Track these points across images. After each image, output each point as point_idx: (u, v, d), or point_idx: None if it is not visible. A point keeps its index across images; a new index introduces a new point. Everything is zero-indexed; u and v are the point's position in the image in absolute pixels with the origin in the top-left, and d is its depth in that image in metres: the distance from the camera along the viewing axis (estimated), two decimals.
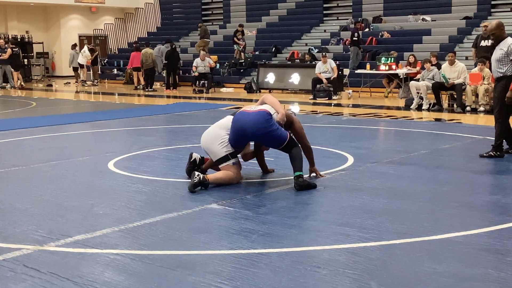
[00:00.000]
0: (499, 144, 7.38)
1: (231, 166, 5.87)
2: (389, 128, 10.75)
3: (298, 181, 5.67)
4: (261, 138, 5.89)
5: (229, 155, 5.87)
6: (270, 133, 5.76)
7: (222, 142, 5.88)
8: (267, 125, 5.74)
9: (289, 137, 5.83)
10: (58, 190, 5.80)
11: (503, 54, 7.28)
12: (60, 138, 9.58)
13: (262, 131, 5.76)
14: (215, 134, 5.95)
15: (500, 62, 7.32)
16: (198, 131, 6.23)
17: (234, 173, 5.87)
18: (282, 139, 5.79)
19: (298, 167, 5.73)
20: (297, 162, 5.76)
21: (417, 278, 3.50)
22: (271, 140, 5.85)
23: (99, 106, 15.75)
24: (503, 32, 7.42)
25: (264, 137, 5.82)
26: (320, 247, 4.06)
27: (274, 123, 5.81)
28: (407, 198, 5.39)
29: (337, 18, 23.65)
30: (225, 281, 3.46)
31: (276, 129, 5.78)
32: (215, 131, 5.99)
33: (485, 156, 7.31)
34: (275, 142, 5.84)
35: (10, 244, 4.17)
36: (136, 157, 7.57)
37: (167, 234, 4.39)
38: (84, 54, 23.19)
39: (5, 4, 27.42)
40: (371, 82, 17.29)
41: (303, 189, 5.64)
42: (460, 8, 20.31)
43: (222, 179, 5.83)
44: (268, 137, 5.81)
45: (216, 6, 27.59)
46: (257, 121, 5.75)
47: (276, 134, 5.77)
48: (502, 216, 4.76)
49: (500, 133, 7.39)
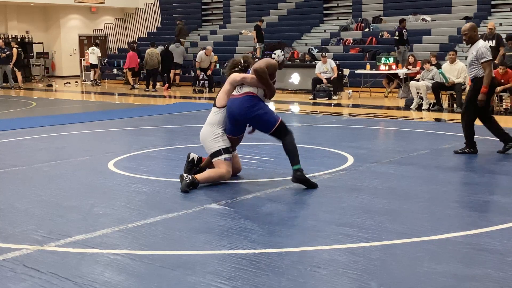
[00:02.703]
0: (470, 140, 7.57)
1: (222, 162, 5.92)
2: (389, 128, 10.75)
3: (296, 175, 5.72)
4: (251, 121, 5.95)
5: (222, 150, 5.93)
6: (258, 116, 5.83)
7: (215, 137, 5.97)
8: (253, 109, 5.82)
9: (279, 123, 5.85)
10: (58, 190, 5.80)
11: (473, 58, 7.43)
12: (60, 138, 9.58)
13: (249, 114, 5.83)
14: (207, 130, 6.05)
15: (471, 66, 7.49)
16: (198, 131, 6.23)
17: (224, 169, 5.91)
18: (270, 124, 5.84)
19: (296, 161, 5.79)
20: (293, 154, 5.81)
21: (417, 278, 3.50)
22: (261, 124, 5.90)
23: (99, 106, 15.75)
24: (475, 35, 7.52)
25: (253, 120, 5.89)
26: (320, 247, 4.06)
27: (262, 105, 5.86)
28: (407, 198, 5.39)
29: (337, 18, 23.64)
30: (225, 281, 3.46)
31: (264, 113, 5.84)
32: (207, 127, 6.09)
33: (460, 152, 7.52)
34: (264, 126, 5.90)
35: (10, 244, 4.17)
36: (136, 157, 7.57)
37: (167, 234, 4.39)
38: (95, 53, 23.23)
39: (5, 4, 27.41)
40: (371, 82, 17.29)
41: (300, 182, 5.70)
42: (460, 8, 20.30)
43: (211, 177, 5.91)
44: (257, 120, 5.88)
45: (216, 6, 27.57)
46: (242, 106, 5.83)
47: (264, 118, 5.84)
48: (502, 216, 4.76)
49: (467, 129, 7.57)
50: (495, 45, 14.04)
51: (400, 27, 17.76)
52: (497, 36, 14.28)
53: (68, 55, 29.63)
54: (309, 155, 7.60)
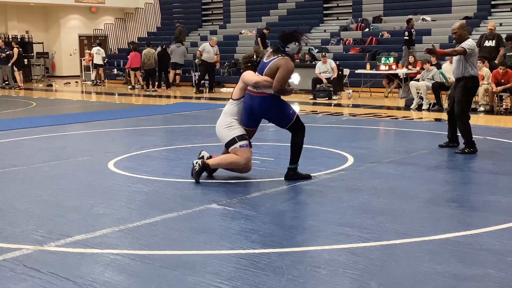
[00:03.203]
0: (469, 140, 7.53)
1: (238, 150, 6.00)
2: (389, 128, 10.75)
3: (288, 174, 6.07)
4: (268, 117, 6.14)
5: (236, 138, 6.01)
6: (276, 113, 6.04)
7: (228, 126, 6.07)
8: (274, 108, 6.02)
9: (294, 119, 6.04)
10: (58, 190, 5.80)
11: (460, 56, 7.44)
12: (60, 138, 9.58)
13: (269, 113, 6.06)
14: (221, 121, 6.17)
15: (458, 64, 7.49)
16: (198, 131, 6.24)
17: (240, 156, 5.99)
18: (287, 120, 6.03)
19: (295, 160, 6.07)
20: (295, 152, 6.06)
21: (417, 278, 3.50)
22: (278, 119, 6.11)
23: (99, 106, 15.75)
24: (465, 33, 7.58)
25: (271, 116, 6.10)
26: (320, 247, 4.06)
27: (281, 103, 6.04)
28: (407, 198, 5.39)
29: (337, 18, 23.64)
30: (225, 281, 3.46)
31: (282, 111, 6.04)
32: (221, 118, 6.21)
33: (459, 153, 7.49)
34: (281, 122, 6.10)
35: (10, 244, 4.17)
36: (136, 157, 7.57)
37: (167, 234, 4.39)
38: (100, 53, 23.22)
39: (5, 4, 27.41)
40: (371, 82, 17.29)
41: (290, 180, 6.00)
42: (460, 8, 20.29)
43: (224, 161, 6.05)
44: (274, 117, 6.10)
45: (216, 6, 27.56)
46: (263, 105, 5.99)
47: (282, 115, 6.04)
48: (502, 216, 4.76)
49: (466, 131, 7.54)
50: (495, 45, 14.05)
51: (408, 27, 17.64)
52: (497, 36, 14.28)
53: (68, 55, 29.61)
54: (309, 155, 7.60)
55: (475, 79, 7.61)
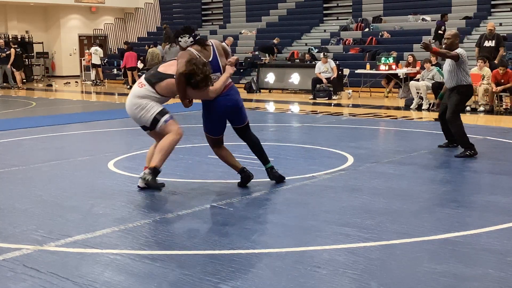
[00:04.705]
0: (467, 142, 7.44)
1: (165, 126, 5.59)
2: (389, 128, 10.75)
3: (273, 172, 5.90)
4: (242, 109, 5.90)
5: (157, 116, 5.58)
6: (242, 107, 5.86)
7: (142, 108, 5.57)
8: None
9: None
10: (58, 190, 5.80)
11: (452, 66, 7.43)
12: (60, 138, 9.58)
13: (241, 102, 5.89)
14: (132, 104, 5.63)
15: (451, 73, 7.49)
16: (198, 131, 6.23)
17: (172, 131, 5.58)
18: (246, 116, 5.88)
19: (267, 159, 5.93)
20: (264, 152, 5.92)
21: (417, 278, 3.50)
22: (244, 112, 5.87)
23: (99, 106, 15.75)
24: (457, 43, 7.59)
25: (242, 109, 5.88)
26: (320, 247, 4.06)
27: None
28: (407, 198, 5.39)
29: (337, 18, 23.64)
30: (225, 281, 3.46)
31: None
32: (131, 101, 5.65)
33: (461, 156, 7.32)
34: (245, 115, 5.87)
35: (10, 244, 4.17)
36: (136, 157, 7.57)
37: (167, 234, 4.39)
38: (98, 53, 23.27)
39: (5, 4, 27.41)
40: (371, 82, 17.29)
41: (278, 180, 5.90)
42: (460, 8, 20.30)
43: (165, 151, 5.47)
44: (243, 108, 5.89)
45: (216, 6, 27.57)
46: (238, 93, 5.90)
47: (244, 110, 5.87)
48: (502, 216, 4.76)
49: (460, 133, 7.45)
50: (494, 45, 14.05)
51: (443, 21, 17.38)
52: (497, 36, 14.28)
53: (68, 55, 29.63)
54: (309, 155, 7.61)
55: (470, 87, 7.58)
